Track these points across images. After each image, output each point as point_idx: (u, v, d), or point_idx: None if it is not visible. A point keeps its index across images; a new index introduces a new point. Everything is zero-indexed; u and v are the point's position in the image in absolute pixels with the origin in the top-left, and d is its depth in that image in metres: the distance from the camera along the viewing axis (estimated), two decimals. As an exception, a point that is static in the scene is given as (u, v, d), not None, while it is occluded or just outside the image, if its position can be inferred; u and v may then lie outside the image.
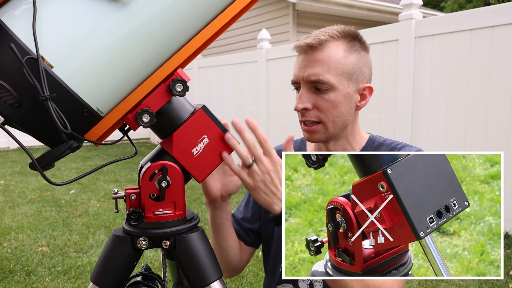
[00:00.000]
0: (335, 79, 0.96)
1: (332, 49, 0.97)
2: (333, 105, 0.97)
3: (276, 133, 5.85)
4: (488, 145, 3.41)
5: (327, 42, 0.97)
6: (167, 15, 0.70)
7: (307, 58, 0.98)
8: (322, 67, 0.96)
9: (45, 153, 0.69)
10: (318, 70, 0.96)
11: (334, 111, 0.98)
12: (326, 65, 0.96)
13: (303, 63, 0.99)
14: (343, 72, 0.97)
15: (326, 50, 0.96)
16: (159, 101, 0.75)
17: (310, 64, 0.97)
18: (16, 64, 0.62)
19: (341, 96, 0.98)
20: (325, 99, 0.97)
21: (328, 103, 0.97)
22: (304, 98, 0.98)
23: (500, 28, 3.27)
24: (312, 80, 0.96)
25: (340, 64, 0.96)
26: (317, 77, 0.96)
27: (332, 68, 0.96)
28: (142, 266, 0.97)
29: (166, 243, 0.80)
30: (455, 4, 13.31)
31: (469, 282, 2.66)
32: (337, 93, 0.97)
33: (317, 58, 0.96)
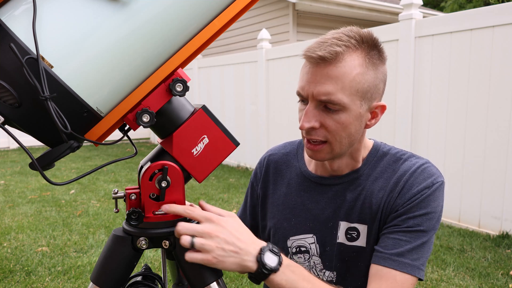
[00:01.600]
0: (348, 99, 0.85)
1: (348, 64, 0.84)
2: (343, 126, 0.87)
3: (276, 133, 5.85)
4: (488, 145, 3.42)
5: (343, 55, 0.84)
6: (167, 15, 0.70)
7: (318, 72, 0.85)
8: (335, 85, 0.84)
9: (45, 153, 0.69)
10: (330, 89, 0.84)
11: (343, 132, 0.88)
12: (340, 83, 0.84)
13: (314, 76, 0.86)
14: (358, 91, 0.86)
15: (341, 65, 0.84)
16: (159, 101, 0.75)
17: (321, 80, 0.85)
18: (16, 64, 0.62)
19: (352, 117, 0.87)
20: (335, 119, 0.87)
21: (338, 124, 0.87)
22: (311, 116, 0.87)
23: (500, 28, 3.27)
24: (321, 100, 0.86)
25: (356, 82, 0.85)
26: (328, 96, 0.84)
27: (346, 87, 0.84)
28: (142, 266, 0.97)
29: (166, 243, 0.80)
30: (455, 4, 13.31)
31: (469, 282, 2.66)
32: (349, 114, 0.86)
33: (330, 74, 0.84)
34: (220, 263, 0.72)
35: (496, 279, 2.69)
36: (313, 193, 1.03)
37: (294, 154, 1.12)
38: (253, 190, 1.17)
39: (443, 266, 2.92)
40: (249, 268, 0.73)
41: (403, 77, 3.97)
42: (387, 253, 0.88)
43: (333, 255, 1.00)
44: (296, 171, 1.09)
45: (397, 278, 0.86)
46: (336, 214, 0.99)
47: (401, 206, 0.91)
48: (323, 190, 1.02)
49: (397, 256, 0.87)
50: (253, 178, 1.18)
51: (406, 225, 0.90)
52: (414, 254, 0.88)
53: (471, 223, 3.62)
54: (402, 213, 0.91)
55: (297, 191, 1.06)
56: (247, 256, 0.73)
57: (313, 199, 1.03)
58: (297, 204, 1.05)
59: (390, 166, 0.98)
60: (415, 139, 3.96)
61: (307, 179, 1.05)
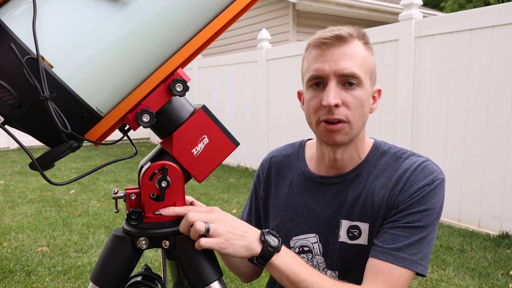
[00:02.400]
0: (363, 75, 0.91)
1: (356, 46, 0.92)
2: (361, 103, 0.92)
3: (276, 133, 5.85)
4: (488, 145, 3.42)
5: (352, 38, 0.92)
6: (167, 15, 0.70)
7: (335, 51, 0.90)
8: (353, 61, 0.90)
9: (45, 153, 0.69)
10: (350, 64, 0.90)
11: (360, 110, 0.92)
12: (356, 59, 0.91)
13: (332, 56, 0.91)
14: (368, 69, 0.93)
15: (353, 45, 0.91)
16: (159, 101, 0.75)
17: (340, 57, 0.90)
18: (16, 64, 0.62)
19: (366, 94, 0.93)
20: (354, 95, 0.91)
21: (357, 100, 0.91)
22: (335, 93, 0.89)
23: (500, 28, 3.27)
24: (345, 74, 0.89)
25: (366, 61, 0.93)
26: (351, 70, 0.89)
27: (361, 64, 0.91)
28: (142, 266, 0.97)
29: (166, 243, 0.80)
30: (455, 4, 13.31)
31: (469, 282, 2.66)
32: (364, 90, 0.92)
33: (347, 51, 0.90)
34: (230, 246, 0.77)
35: (496, 279, 2.69)
36: (315, 192, 1.04)
37: (296, 155, 1.13)
38: (256, 192, 1.18)
39: (443, 266, 2.92)
40: (255, 250, 0.79)
41: (403, 77, 3.97)
42: (385, 248, 0.89)
43: (335, 254, 1.00)
44: (297, 171, 1.09)
45: (393, 272, 0.87)
46: (337, 212, 1.00)
47: (402, 203, 0.93)
48: (324, 189, 1.03)
49: (394, 251, 0.88)
50: (255, 180, 1.19)
51: (405, 221, 0.91)
52: (412, 249, 0.89)
53: (471, 223, 3.62)
54: (403, 209, 0.92)
55: (299, 191, 1.07)
56: (252, 238, 0.79)
57: (315, 199, 1.03)
58: (299, 204, 1.05)
59: (391, 165, 0.99)
60: (415, 139, 3.96)
61: (308, 179, 1.06)
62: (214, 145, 0.81)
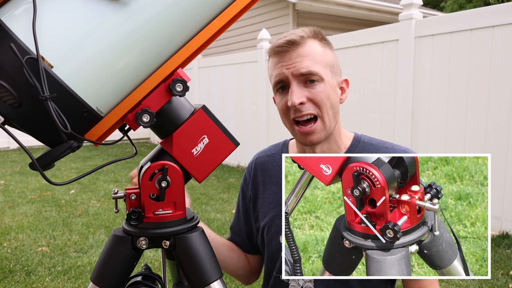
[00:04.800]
0: (322, 70, 0.97)
1: (310, 45, 0.97)
2: (326, 96, 0.97)
3: (276, 133, 5.85)
4: (488, 145, 3.41)
5: (304, 39, 0.97)
6: (167, 15, 0.70)
7: (291, 55, 0.97)
8: (309, 60, 0.96)
9: (45, 153, 0.69)
10: (307, 63, 0.95)
11: (327, 101, 0.97)
12: (312, 58, 0.96)
13: (289, 60, 0.97)
14: (327, 64, 0.98)
15: (307, 45, 0.97)
16: (159, 101, 0.75)
17: (297, 59, 0.96)
18: (16, 64, 0.62)
19: (329, 87, 0.98)
20: (318, 90, 0.96)
21: (321, 93, 0.96)
22: (298, 93, 0.96)
23: (500, 28, 3.27)
24: (302, 73, 0.95)
25: (322, 57, 0.98)
26: (308, 69, 0.95)
27: (318, 61, 0.96)
28: (142, 266, 0.97)
29: (166, 243, 0.80)
30: (455, 4, 13.31)
31: (469, 282, 2.66)
32: (326, 84, 0.97)
33: (302, 53, 0.96)
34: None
35: (496, 279, 2.69)
36: None
37: (280, 154, 1.15)
38: (244, 195, 1.20)
39: (443, 266, 2.92)
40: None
41: (403, 77, 3.97)
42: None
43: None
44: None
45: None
46: None
47: None
48: None
49: None
50: (243, 183, 1.21)
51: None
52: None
53: (471, 223, 3.62)
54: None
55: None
56: None
57: None
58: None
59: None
60: (415, 139, 3.96)
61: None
62: (214, 145, 0.81)
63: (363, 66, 4.38)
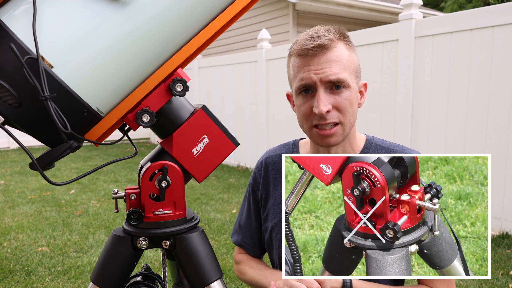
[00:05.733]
0: (349, 77, 0.96)
1: (338, 49, 0.96)
2: (350, 103, 0.97)
3: (276, 133, 5.85)
4: (488, 145, 3.41)
5: (334, 42, 0.96)
6: (167, 15, 0.70)
7: (319, 60, 0.95)
8: (338, 66, 0.95)
9: (45, 153, 0.69)
10: (336, 69, 0.94)
11: (350, 109, 0.97)
12: (341, 64, 0.95)
13: (317, 64, 0.95)
14: (353, 70, 0.98)
15: (336, 49, 0.95)
16: (159, 101, 0.75)
17: (325, 65, 0.94)
18: (16, 64, 0.62)
19: (354, 93, 0.98)
20: (344, 97, 0.96)
21: (346, 101, 0.96)
22: (325, 100, 0.94)
23: (500, 28, 3.27)
24: (331, 80, 0.94)
25: (350, 62, 0.97)
26: (337, 76, 0.94)
27: (346, 67, 0.96)
28: (142, 266, 0.97)
29: (166, 243, 0.80)
30: (455, 4, 13.31)
31: (469, 282, 2.66)
32: (351, 91, 0.97)
33: (331, 58, 0.95)
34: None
35: (496, 279, 2.69)
36: None
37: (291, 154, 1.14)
38: (254, 194, 1.19)
39: (443, 266, 2.92)
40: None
41: (403, 77, 3.97)
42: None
43: None
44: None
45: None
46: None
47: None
48: None
49: None
50: (252, 182, 1.19)
51: None
52: None
53: (471, 223, 3.62)
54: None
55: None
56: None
57: None
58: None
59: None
60: (415, 139, 3.96)
61: None
62: (214, 145, 0.81)
63: (363, 66, 4.35)
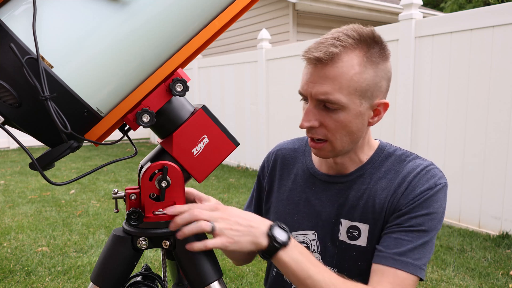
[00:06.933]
0: (346, 98, 0.86)
1: (345, 64, 0.85)
2: (342, 125, 0.89)
3: (275, 133, 5.85)
4: (488, 145, 3.42)
5: (339, 56, 0.85)
6: (167, 15, 0.70)
7: (316, 73, 0.87)
8: (332, 85, 0.86)
9: (45, 153, 0.69)
10: (327, 89, 0.86)
11: (342, 130, 0.90)
12: (337, 83, 0.85)
13: (312, 77, 0.88)
14: (356, 90, 0.87)
15: (338, 65, 0.85)
16: (159, 101, 0.75)
17: (319, 80, 0.87)
18: (16, 64, 0.62)
19: (352, 115, 0.89)
20: (334, 118, 0.88)
21: (337, 123, 0.89)
22: (311, 116, 0.90)
23: (500, 28, 3.27)
24: (320, 99, 0.88)
25: (353, 82, 0.86)
26: (326, 96, 0.86)
27: (344, 87, 0.86)
28: (142, 266, 0.97)
29: (166, 243, 0.80)
30: (454, 4, 13.32)
31: (469, 282, 2.66)
32: (348, 112, 0.88)
33: (327, 74, 0.86)
34: (236, 243, 0.76)
35: (496, 279, 2.69)
36: (318, 190, 1.04)
37: (302, 151, 1.13)
38: (259, 183, 1.19)
39: (443, 266, 2.92)
40: (261, 244, 0.78)
41: (403, 77, 3.97)
42: (388, 253, 0.89)
43: (334, 252, 1.00)
44: (302, 167, 1.10)
45: (397, 275, 0.86)
46: (338, 211, 1.00)
47: (404, 206, 0.92)
48: (327, 188, 1.03)
49: (399, 256, 0.87)
50: (260, 172, 1.20)
51: (408, 224, 0.90)
52: (416, 254, 0.88)
53: (471, 223, 3.62)
54: (405, 213, 0.91)
55: (302, 187, 1.07)
56: (258, 232, 0.78)
57: (316, 196, 1.04)
58: (301, 200, 1.06)
59: (394, 167, 0.98)
60: (415, 139, 3.96)
61: (312, 176, 1.06)
62: (214, 145, 0.81)
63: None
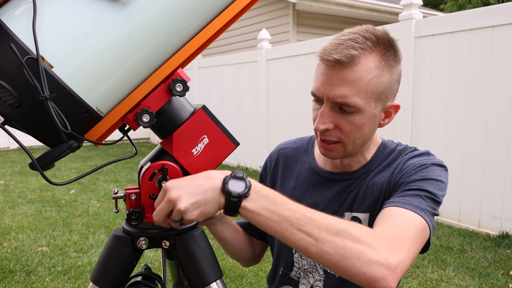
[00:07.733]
0: (363, 101, 0.86)
1: (363, 67, 0.85)
2: (357, 128, 0.89)
3: (276, 133, 5.85)
4: (488, 145, 3.42)
5: (359, 58, 0.85)
6: (167, 16, 0.70)
7: (334, 75, 0.86)
8: (350, 88, 0.85)
9: (45, 153, 0.69)
10: (345, 92, 0.85)
11: (356, 133, 0.90)
12: (356, 86, 0.85)
13: (329, 79, 0.87)
14: (373, 93, 0.87)
15: (357, 68, 0.85)
16: (159, 101, 0.75)
17: (337, 83, 0.86)
18: (16, 64, 0.62)
19: (367, 118, 0.89)
20: (349, 121, 0.88)
21: (352, 125, 0.89)
22: (326, 118, 0.89)
23: (500, 28, 3.27)
24: (337, 102, 0.87)
25: (371, 85, 0.86)
26: (344, 99, 0.86)
27: (362, 90, 0.85)
28: (142, 266, 0.97)
29: (166, 243, 0.80)
30: (454, 6, 13.32)
31: (469, 282, 2.66)
32: (363, 115, 0.88)
33: (346, 77, 0.85)
34: (202, 215, 0.69)
35: (496, 279, 2.69)
36: (321, 187, 1.05)
37: (305, 150, 1.13)
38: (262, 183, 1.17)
39: (443, 266, 2.92)
40: (221, 203, 0.70)
41: (403, 77, 3.96)
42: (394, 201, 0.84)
43: None
44: (305, 165, 1.10)
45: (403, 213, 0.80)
46: (341, 207, 1.01)
47: (403, 177, 0.91)
48: (331, 185, 1.04)
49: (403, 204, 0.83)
50: (262, 171, 1.20)
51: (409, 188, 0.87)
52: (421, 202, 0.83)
53: (471, 223, 3.62)
54: (402, 183, 0.90)
55: (305, 185, 1.08)
56: (215, 193, 0.69)
57: (320, 194, 1.04)
58: (304, 197, 1.06)
59: (394, 160, 1.00)
60: (415, 139, 3.96)
61: (316, 174, 1.07)
62: (214, 145, 0.81)
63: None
